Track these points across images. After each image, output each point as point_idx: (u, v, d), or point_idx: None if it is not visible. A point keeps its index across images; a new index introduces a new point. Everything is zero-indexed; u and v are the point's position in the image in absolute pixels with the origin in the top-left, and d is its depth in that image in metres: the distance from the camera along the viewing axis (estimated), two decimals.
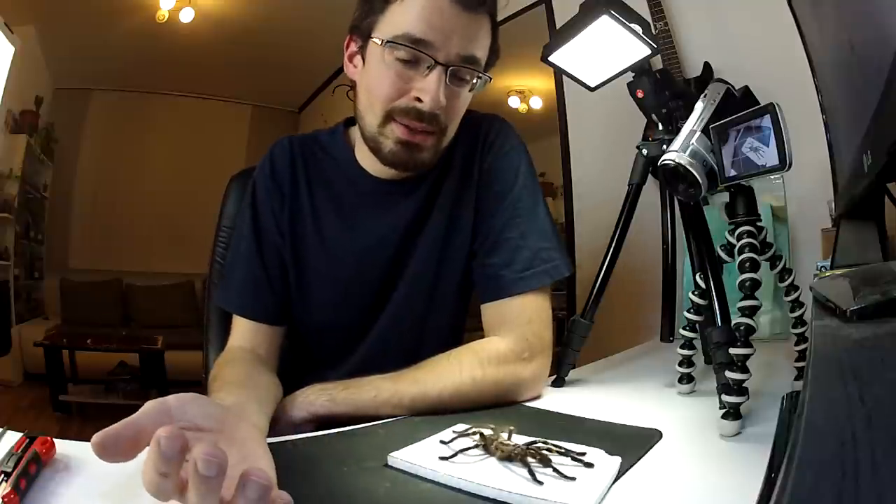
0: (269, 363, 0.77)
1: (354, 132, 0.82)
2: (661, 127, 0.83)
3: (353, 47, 0.76)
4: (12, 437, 0.47)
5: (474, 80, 0.73)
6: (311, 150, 0.83)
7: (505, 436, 0.50)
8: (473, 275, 0.82)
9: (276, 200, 0.81)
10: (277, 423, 0.63)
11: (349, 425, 0.62)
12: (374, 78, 0.71)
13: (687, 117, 0.67)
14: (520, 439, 0.50)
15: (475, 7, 0.68)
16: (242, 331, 0.79)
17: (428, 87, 0.68)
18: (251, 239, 0.80)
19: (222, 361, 0.73)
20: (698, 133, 0.64)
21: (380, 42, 0.69)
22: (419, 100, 0.69)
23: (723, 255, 0.67)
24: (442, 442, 0.52)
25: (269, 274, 0.80)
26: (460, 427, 0.55)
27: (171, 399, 0.38)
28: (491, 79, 0.75)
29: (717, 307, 0.69)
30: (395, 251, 0.81)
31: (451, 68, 0.69)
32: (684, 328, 0.75)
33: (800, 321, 0.69)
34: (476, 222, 0.81)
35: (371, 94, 0.72)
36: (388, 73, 0.69)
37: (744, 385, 0.59)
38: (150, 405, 0.37)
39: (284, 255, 0.81)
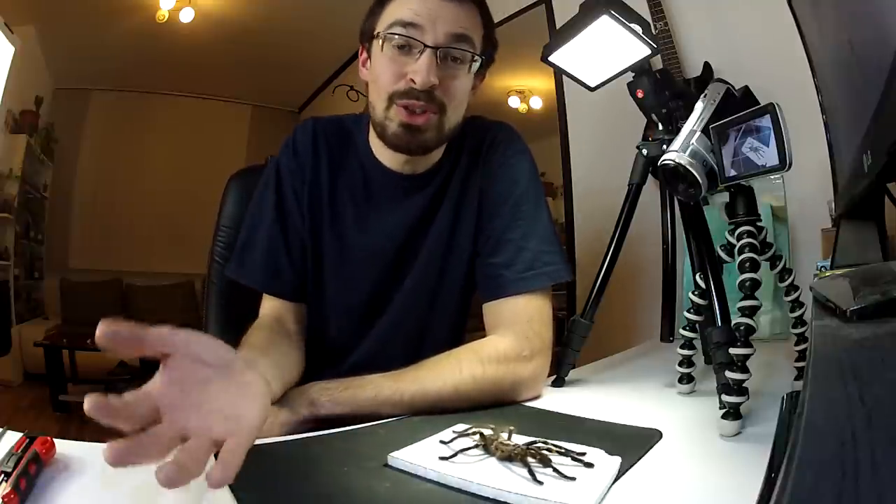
0: (297, 338, 0.80)
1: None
2: (661, 127, 0.83)
3: (364, 53, 0.81)
4: (12, 437, 0.47)
5: (470, 62, 0.77)
6: (334, 134, 0.85)
7: (505, 436, 0.50)
8: (476, 275, 0.83)
9: (297, 181, 0.83)
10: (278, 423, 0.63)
11: (349, 424, 0.62)
12: (376, 69, 0.77)
13: (687, 117, 0.67)
14: (520, 439, 0.50)
15: None
16: (268, 304, 0.82)
17: (419, 69, 0.73)
18: (273, 216, 0.82)
19: (252, 328, 0.76)
20: (698, 133, 0.64)
21: (377, 35, 0.75)
22: (413, 81, 0.73)
23: (723, 255, 0.67)
24: (442, 442, 0.52)
25: (291, 251, 0.82)
26: (460, 427, 0.55)
27: (183, 332, 0.40)
28: (485, 57, 0.79)
29: (717, 307, 0.69)
30: (402, 246, 0.82)
31: (440, 50, 0.73)
32: (684, 328, 0.75)
33: (800, 321, 0.69)
34: (479, 223, 0.83)
35: (376, 84, 0.77)
36: (386, 62, 0.75)
37: (744, 385, 0.59)
38: (163, 330, 0.39)
39: (304, 236, 0.82)
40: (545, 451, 0.47)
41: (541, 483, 0.43)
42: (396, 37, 0.73)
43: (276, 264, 0.81)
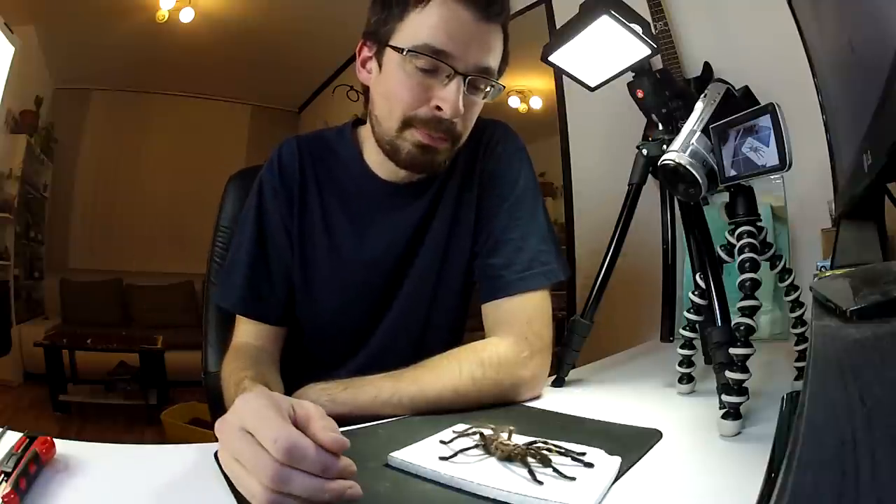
0: (275, 361, 0.79)
1: (362, 133, 0.83)
2: (661, 127, 0.83)
3: (367, 52, 0.76)
4: (12, 437, 0.47)
5: (488, 89, 0.74)
6: (319, 150, 0.84)
7: (505, 436, 0.50)
8: (475, 275, 0.83)
9: (283, 202, 0.81)
10: None
11: (349, 425, 0.62)
12: (393, 85, 0.72)
13: (687, 117, 0.67)
14: (520, 439, 0.50)
15: (491, 18, 0.70)
16: (247, 329, 0.80)
17: (448, 97, 0.69)
18: (254, 240, 0.81)
19: (232, 357, 0.75)
20: (698, 133, 0.64)
21: (400, 50, 0.69)
22: (439, 108, 0.70)
23: (723, 255, 0.67)
24: (442, 442, 0.52)
25: (272, 275, 0.81)
26: (460, 427, 0.55)
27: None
28: (504, 87, 0.76)
29: (717, 307, 0.69)
30: (402, 253, 0.82)
31: (468, 78, 0.70)
32: (684, 328, 0.75)
33: (800, 321, 0.69)
34: (478, 224, 0.82)
35: (390, 101, 0.73)
36: (409, 82, 0.70)
37: (744, 385, 0.59)
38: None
39: (290, 257, 0.81)
40: (545, 451, 0.47)
41: (541, 483, 0.43)
42: (423, 59, 0.68)
43: (257, 290, 0.80)
